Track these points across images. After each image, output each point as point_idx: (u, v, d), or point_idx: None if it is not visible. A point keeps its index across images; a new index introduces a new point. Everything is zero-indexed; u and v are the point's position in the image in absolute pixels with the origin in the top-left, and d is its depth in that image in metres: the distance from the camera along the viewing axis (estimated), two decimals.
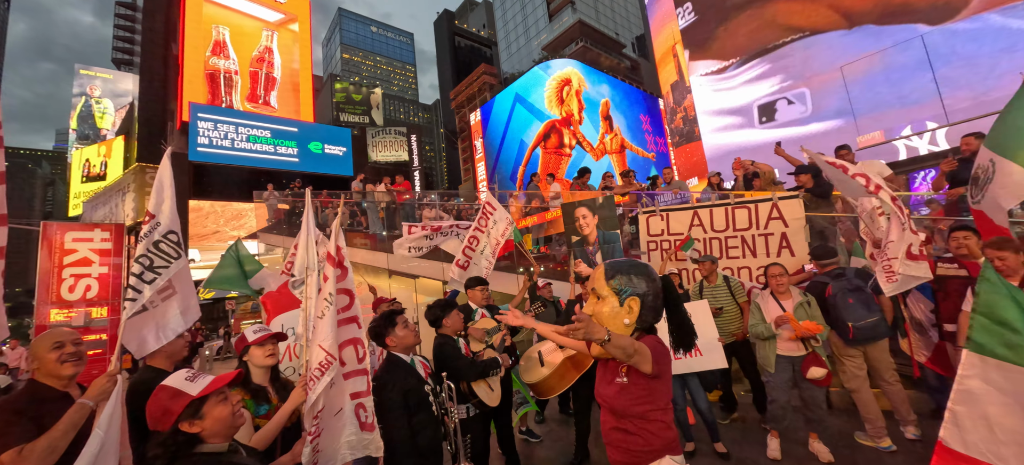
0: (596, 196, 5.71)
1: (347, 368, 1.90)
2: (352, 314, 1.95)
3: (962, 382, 1.19)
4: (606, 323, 1.53)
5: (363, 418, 1.89)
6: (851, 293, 3.20)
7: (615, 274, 1.56)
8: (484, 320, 3.32)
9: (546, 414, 4.73)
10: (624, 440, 1.53)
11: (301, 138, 26.17)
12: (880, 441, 3.16)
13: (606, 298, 1.55)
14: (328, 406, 1.79)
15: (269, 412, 1.90)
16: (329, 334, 1.76)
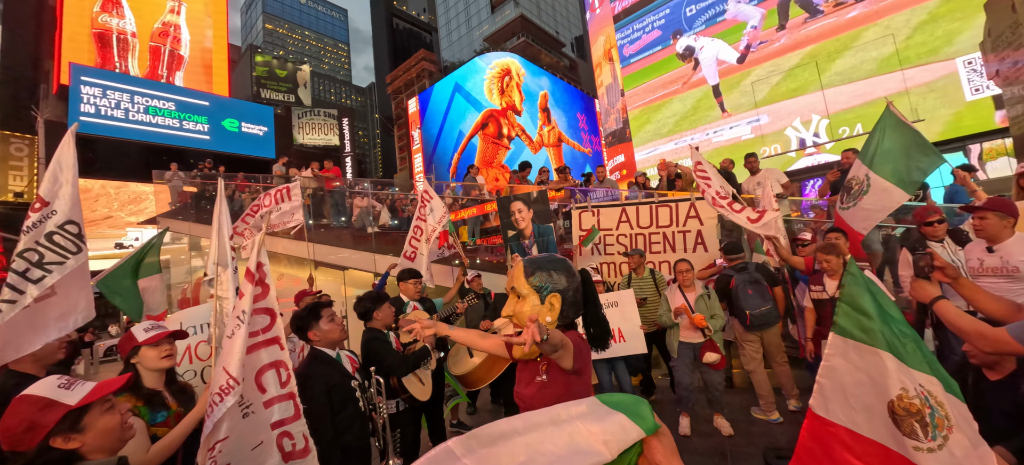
0: (531, 190, 5.82)
1: (268, 395, 1.73)
2: (273, 335, 1.78)
3: (828, 359, 1.41)
4: (525, 322, 1.45)
5: (289, 447, 1.74)
6: (750, 285, 3.63)
7: (535, 271, 1.51)
8: (416, 313, 3.26)
9: (478, 404, 4.77)
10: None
11: (213, 113, 23.53)
12: (771, 414, 3.63)
13: (526, 296, 1.50)
14: (238, 439, 1.61)
15: (169, 420, 1.71)
16: (235, 357, 1.58)
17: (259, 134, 25.46)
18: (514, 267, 1.57)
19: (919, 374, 1.26)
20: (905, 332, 1.31)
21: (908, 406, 1.26)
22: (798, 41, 13.64)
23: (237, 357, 1.58)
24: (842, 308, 1.39)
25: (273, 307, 1.75)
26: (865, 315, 1.34)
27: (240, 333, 1.60)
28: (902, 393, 1.27)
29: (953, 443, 1.19)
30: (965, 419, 1.22)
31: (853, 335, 1.36)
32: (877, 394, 1.32)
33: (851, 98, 12.66)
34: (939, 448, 1.21)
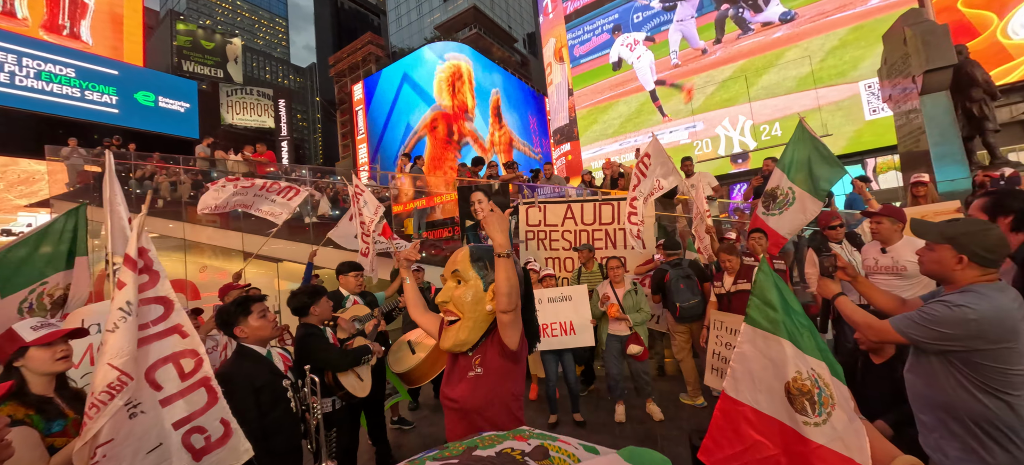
0: (492, 183, 5.82)
1: (165, 393, 1.58)
2: (171, 325, 1.63)
3: (739, 347, 1.59)
4: (466, 309, 1.43)
5: (201, 442, 1.61)
6: (683, 280, 3.90)
7: (480, 258, 1.48)
8: (356, 307, 3.14)
9: (420, 400, 4.71)
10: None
11: (124, 84, 20.93)
12: (696, 400, 3.93)
13: (470, 281, 1.46)
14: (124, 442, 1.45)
15: (67, 428, 1.52)
16: (124, 348, 1.43)
17: (180, 111, 23.07)
18: (456, 252, 1.53)
19: (812, 359, 1.45)
20: (803, 323, 1.50)
21: (801, 387, 1.45)
22: (731, 55, 14.73)
23: (128, 351, 1.43)
24: (753, 301, 1.56)
25: (166, 294, 1.61)
26: (771, 308, 1.52)
27: (126, 326, 1.45)
28: (797, 375, 1.46)
29: (835, 418, 1.39)
30: (845, 398, 1.42)
31: (761, 325, 1.53)
32: (777, 377, 1.50)
33: (773, 111, 13.93)
34: (824, 423, 1.40)
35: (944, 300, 1.43)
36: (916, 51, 6.49)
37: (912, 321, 1.46)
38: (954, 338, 1.37)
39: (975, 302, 1.35)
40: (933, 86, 6.44)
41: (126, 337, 1.44)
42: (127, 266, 1.53)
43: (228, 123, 33.38)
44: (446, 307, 1.46)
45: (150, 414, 1.53)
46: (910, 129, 6.94)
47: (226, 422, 1.66)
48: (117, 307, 1.47)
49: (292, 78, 74.60)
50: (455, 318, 1.45)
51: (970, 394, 1.37)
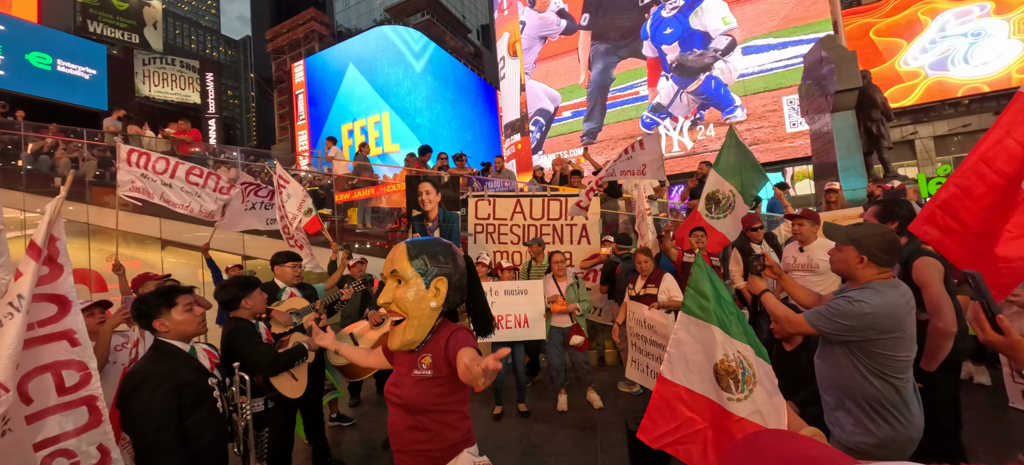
0: (442, 174, 5.70)
1: (34, 407, 1.38)
2: (61, 329, 1.43)
3: (675, 333, 1.72)
4: (409, 309, 1.37)
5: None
6: (631, 273, 4.10)
7: (418, 254, 1.40)
8: (293, 299, 2.96)
9: (362, 396, 4.55)
10: (420, 440, 1.37)
11: (11, 41, 18.07)
12: (632, 387, 4.15)
13: (409, 280, 1.38)
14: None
15: None
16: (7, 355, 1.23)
17: (84, 77, 20.35)
18: (393, 249, 1.45)
19: (738, 343, 1.64)
20: (731, 311, 1.68)
21: (727, 367, 1.64)
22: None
23: (8, 356, 1.22)
24: (688, 292, 1.71)
25: (65, 294, 1.41)
26: (704, 298, 1.68)
27: (13, 324, 1.25)
28: (724, 357, 1.65)
29: (756, 394, 1.60)
30: (768, 376, 1.62)
31: (695, 313, 1.69)
32: (707, 359, 1.69)
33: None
34: (746, 398, 1.61)
35: (846, 296, 1.61)
36: (829, 74, 7.25)
37: (820, 315, 1.64)
38: (852, 329, 1.55)
39: (870, 297, 1.53)
40: (842, 105, 7.24)
41: (10, 339, 1.23)
42: (29, 255, 1.31)
43: (144, 95, 29.87)
44: (390, 308, 1.39)
45: (16, 432, 1.33)
46: (822, 142, 7.75)
47: (105, 449, 1.48)
48: (7, 300, 1.25)
49: (222, 50, 68.19)
50: (400, 318, 1.39)
51: (864, 378, 1.56)
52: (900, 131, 15.08)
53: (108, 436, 1.46)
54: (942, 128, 15.22)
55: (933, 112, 15.17)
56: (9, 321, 1.24)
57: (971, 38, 14.10)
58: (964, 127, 14.94)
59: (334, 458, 3.15)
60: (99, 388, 1.45)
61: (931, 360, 1.98)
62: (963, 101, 14.66)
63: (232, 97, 62.32)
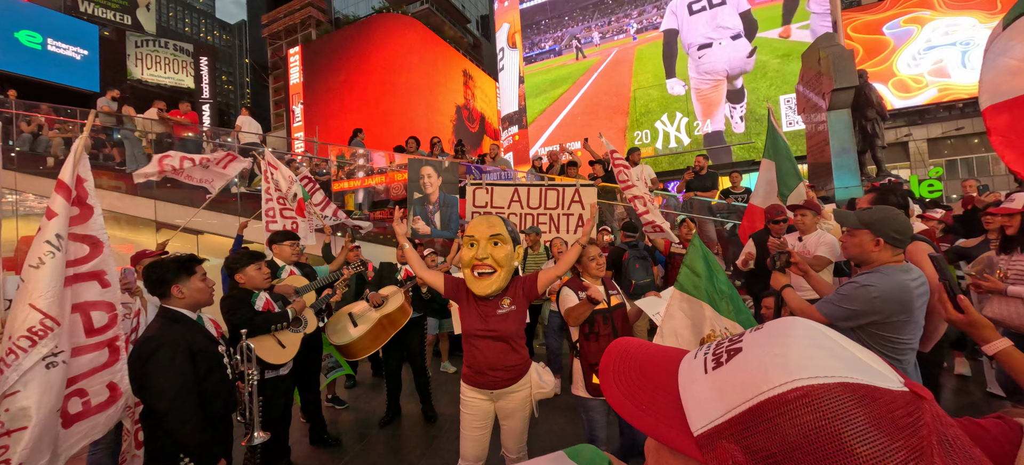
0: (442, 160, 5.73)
1: (81, 342, 1.43)
2: (94, 269, 1.45)
3: (668, 308, 1.76)
4: (503, 263, 1.90)
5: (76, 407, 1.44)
6: (639, 260, 4.22)
7: (507, 226, 1.95)
8: (293, 277, 2.99)
9: (358, 378, 4.60)
10: (512, 358, 1.93)
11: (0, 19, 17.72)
12: None
13: (507, 244, 1.92)
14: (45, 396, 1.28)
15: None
16: (49, 289, 1.26)
17: (75, 58, 20.03)
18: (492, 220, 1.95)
19: (726, 320, 1.71)
20: (723, 291, 1.72)
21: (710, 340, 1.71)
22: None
23: (53, 292, 1.26)
24: (683, 270, 1.77)
25: (96, 233, 1.44)
26: (697, 275, 1.74)
27: (53, 263, 1.28)
28: (711, 332, 1.73)
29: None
30: None
31: (687, 290, 1.75)
32: (695, 334, 1.76)
33: None
34: None
35: (854, 281, 1.61)
36: (827, 71, 7.31)
37: (829, 302, 1.65)
38: (859, 314, 1.56)
39: (878, 281, 1.54)
40: (838, 103, 7.31)
41: (51, 276, 1.26)
42: (59, 193, 1.33)
43: (137, 78, 29.43)
44: (485, 262, 1.88)
45: (68, 365, 1.37)
46: (817, 140, 7.83)
47: (113, 385, 1.51)
48: (44, 239, 1.28)
49: (217, 34, 67.16)
50: (490, 271, 1.89)
51: None
52: (894, 133, 15.26)
53: (121, 375, 1.49)
54: (936, 131, 15.41)
55: (928, 115, 15.35)
56: (51, 259, 1.27)
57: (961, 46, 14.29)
58: (957, 130, 15.15)
59: (330, 435, 3.20)
60: (121, 328, 1.49)
61: (928, 340, 2.05)
62: (957, 104, 14.84)
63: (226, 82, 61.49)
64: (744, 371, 0.31)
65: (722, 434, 0.31)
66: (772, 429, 0.29)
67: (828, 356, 0.30)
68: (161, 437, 1.65)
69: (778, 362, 0.30)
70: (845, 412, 0.28)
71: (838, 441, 0.27)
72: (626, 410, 0.38)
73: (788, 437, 0.28)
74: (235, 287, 2.38)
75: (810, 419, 0.28)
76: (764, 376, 0.30)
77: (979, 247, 3.31)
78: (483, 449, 2.00)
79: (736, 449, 0.30)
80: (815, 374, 0.29)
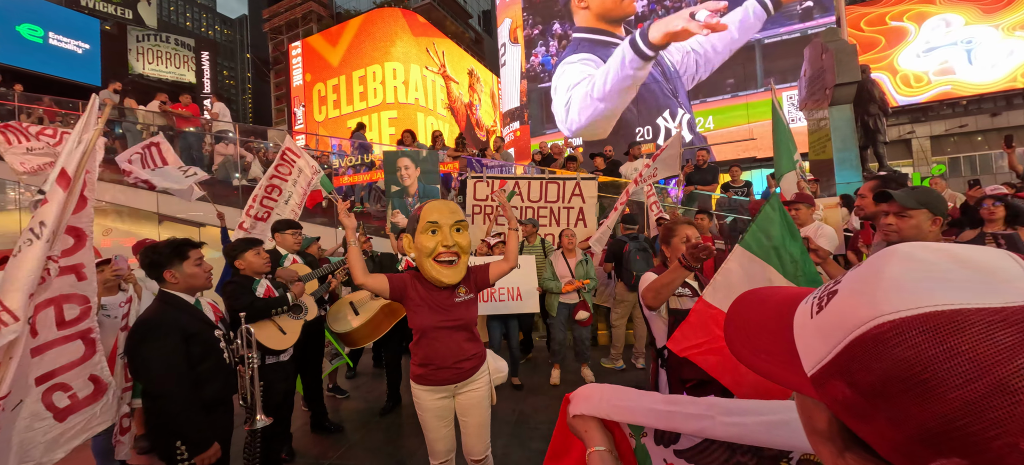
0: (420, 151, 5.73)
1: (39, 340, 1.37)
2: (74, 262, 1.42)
3: (726, 263, 1.75)
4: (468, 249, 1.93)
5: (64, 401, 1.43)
6: (639, 251, 4.24)
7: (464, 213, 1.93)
8: (295, 265, 3.01)
9: (358, 368, 4.63)
10: (472, 346, 1.92)
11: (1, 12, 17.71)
12: (616, 363, 4.37)
13: (466, 228, 1.94)
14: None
15: None
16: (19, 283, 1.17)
17: (77, 51, 20.04)
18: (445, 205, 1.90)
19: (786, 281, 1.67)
20: (796, 258, 1.70)
21: None
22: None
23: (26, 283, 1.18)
24: (751, 229, 1.75)
25: (83, 226, 1.42)
26: (767, 237, 1.72)
27: (31, 251, 1.21)
28: None
29: None
30: None
31: (752, 249, 1.74)
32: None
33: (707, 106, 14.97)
34: None
35: None
36: (829, 66, 7.28)
37: None
38: None
39: None
40: (840, 99, 7.28)
41: (28, 267, 1.21)
42: (59, 184, 1.30)
43: (138, 72, 29.40)
44: (452, 250, 1.84)
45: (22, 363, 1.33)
46: (819, 135, 7.81)
47: (96, 379, 1.51)
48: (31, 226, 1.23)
49: (218, 29, 67.04)
50: (455, 258, 1.85)
51: None
52: (897, 130, 15.20)
53: (99, 366, 1.49)
54: (939, 128, 15.34)
55: (931, 112, 15.27)
56: (28, 247, 1.21)
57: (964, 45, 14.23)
58: (961, 127, 15.08)
59: (332, 422, 3.22)
60: (95, 321, 1.48)
61: None
62: (961, 102, 14.77)
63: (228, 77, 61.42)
64: (838, 312, 0.32)
65: (829, 374, 0.32)
66: (868, 366, 0.29)
67: (922, 283, 0.30)
68: (156, 419, 1.68)
69: (866, 299, 0.31)
70: (926, 344, 0.27)
71: (921, 375, 0.27)
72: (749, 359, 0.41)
73: (881, 373, 0.29)
74: (236, 274, 2.40)
75: (897, 355, 0.28)
76: (854, 315, 0.31)
77: (977, 240, 3.31)
78: (453, 442, 1.96)
79: (843, 385, 0.31)
80: (898, 308, 0.29)
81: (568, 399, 0.81)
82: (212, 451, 1.71)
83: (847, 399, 0.31)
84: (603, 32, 16.86)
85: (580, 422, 0.78)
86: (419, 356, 1.88)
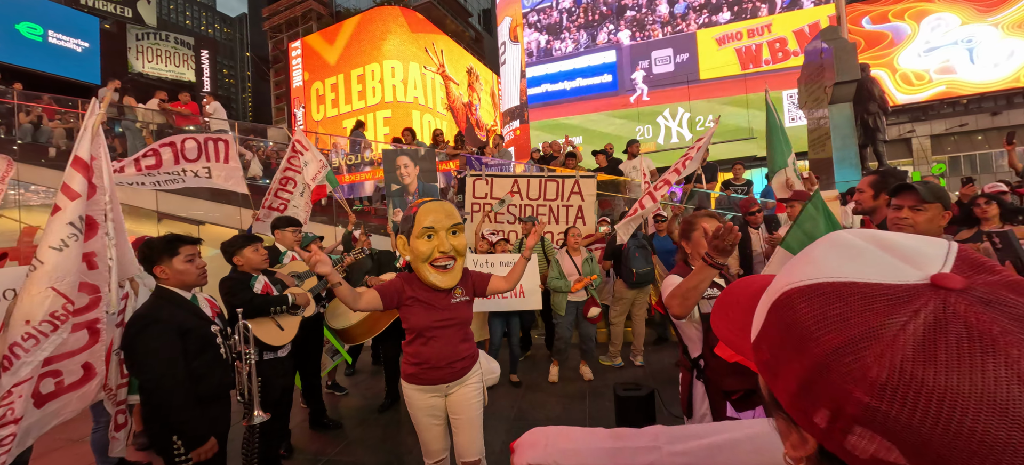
0: (419, 149, 5.73)
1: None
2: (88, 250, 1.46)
3: (766, 266, 1.71)
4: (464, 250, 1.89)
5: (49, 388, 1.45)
6: (638, 249, 4.27)
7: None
8: (295, 263, 3.01)
9: (357, 366, 4.63)
10: (467, 345, 1.91)
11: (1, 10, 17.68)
12: (614, 360, 4.37)
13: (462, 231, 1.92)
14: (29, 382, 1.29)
15: None
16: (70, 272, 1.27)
17: (76, 50, 20.02)
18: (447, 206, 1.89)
19: None
20: None
21: None
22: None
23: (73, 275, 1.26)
24: (793, 229, 1.74)
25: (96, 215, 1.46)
26: (809, 238, 1.68)
27: (75, 247, 1.29)
28: None
29: None
30: None
31: (792, 249, 1.70)
32: None
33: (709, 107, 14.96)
34: None
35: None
36: (829, 65, 7.28)
37: None
38: None
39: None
40: (839, 97, 7.28)
41: (72, 260, 1.26)
42: (77, 169, 1.32)
43: (137, 71, 29.37)
44: (448, 253, 1.81)
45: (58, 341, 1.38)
46: (818, 134, 7.81)
47: (88, 366, 1.52)
48: (67, 221, 1.27)
49: (218, 27, 66.92)
50: (452, 262, 1.83)
51: None
52: (897, 129, 15.18)
53: (98, 356, 1.49)
54: (939, 127, 15.33)
55: (931, 111, 15.26)
56: (74, 243, 1.28)
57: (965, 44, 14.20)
58: (961, 127, 15.06)
59: (331, 419, 3.23)
60: (104, 312, 1.49)
61: None
62: (961, 101, 14.76)
63: (227, 76, 61.30)
64: (774, 285, 0.36)
65: (759, 338, 0.36)
66: (775, 326, 0.33)
67: (833, 260, 0.32)
68: (152, 413, 1.68)
69: (787, 272, 0.34)
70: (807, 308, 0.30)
71: (799, 333, 0.30)
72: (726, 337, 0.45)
73: (779, 331, 0.32)
74: (234, 270, 2.41)
75: (788, 316, 0.32)
76: (777, 285, 0.35)
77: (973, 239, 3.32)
78: (446, 441, 1.94)
79: (764, 347, 0.35)
80: (802, 278, 0.32)
81: (513, 449, 0.77)
82: (209, 446, 1.72)
83: (765, 360, 0.35)
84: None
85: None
86: (413, 356, 1.86)
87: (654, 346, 4.82)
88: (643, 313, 4.50)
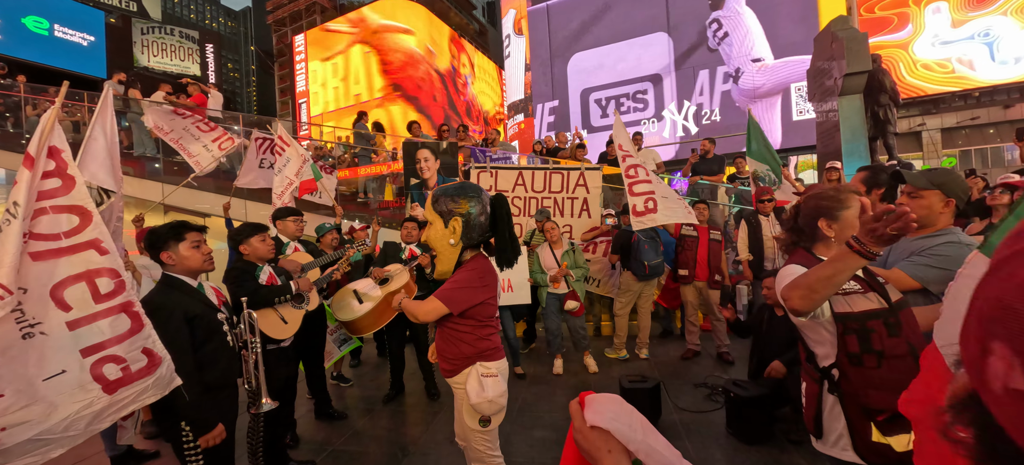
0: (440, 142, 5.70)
1: (74, 314, 1.42)
2: (87, 239, 1.46)
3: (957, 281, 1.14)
4: (436, 245, 1.67)
5: (115, 373, 1.47)
6: (648, 241, 4.21)
7: (438, 198, 1.65)
8: (297, 254, 3.01)
9: (362, 357, 4.65)
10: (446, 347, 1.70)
11: (5, 4, 17.75)
12: (619, 352, 4.36)
13: (433, 223, 1.66)
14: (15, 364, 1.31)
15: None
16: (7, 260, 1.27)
17: (82, 44, 20.09)
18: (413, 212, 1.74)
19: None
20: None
21: None
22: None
23: (8, 261, 1.28)
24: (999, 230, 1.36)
25: (82, 203, 1.46)
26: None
27: (11, 231, 1.30)
28: None
29: None
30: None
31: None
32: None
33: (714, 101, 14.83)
34: None
35: (948, 242, 1.48)
36: (839, 55, 7.16)
37: (927, 266, 1.49)
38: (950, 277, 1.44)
39: (967, 240, 1.48)
40: (850, 89, 7.16)
41: (10, 243, 1.29)
42: (25, 166, 1.36)
43: (143, 65, 29.50)
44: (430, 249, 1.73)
45: (53, 337, 1.38)
46: (827, 126, 7.70)
47: (149, 352, 1.53)
48: (6, 208, 1.31)
49: (222, 21, 67.00)
50: (435, 254, 1.70)
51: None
52: (908, 122, 14.96)
53: (153, 339, 1.51)
54: (950, 120, 15.09)
55: (942, 104, 15.02)
56: (7, 227, 1.31)
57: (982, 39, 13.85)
58: (972, 120, 14.82)
59: (336, 410, 3.24)
60: (134, 294, 1.50)
61: None
62: (973, 93, 14.50)
63: (232, 70, 61.44)
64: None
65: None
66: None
67: None
68: (161, 400, 1.69)
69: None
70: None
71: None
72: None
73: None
74: (239, 259, 2.40)
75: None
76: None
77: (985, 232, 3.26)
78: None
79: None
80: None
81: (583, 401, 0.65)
82: (217, 432, 1.72)
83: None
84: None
85: (601, 439, 0.61)
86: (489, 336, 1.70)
87: (659, 339, 4.80)
88: (649, 306, 4.47)
